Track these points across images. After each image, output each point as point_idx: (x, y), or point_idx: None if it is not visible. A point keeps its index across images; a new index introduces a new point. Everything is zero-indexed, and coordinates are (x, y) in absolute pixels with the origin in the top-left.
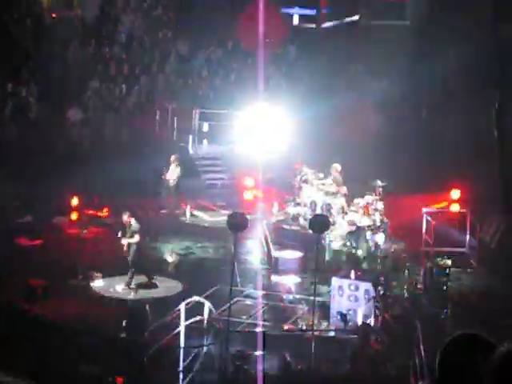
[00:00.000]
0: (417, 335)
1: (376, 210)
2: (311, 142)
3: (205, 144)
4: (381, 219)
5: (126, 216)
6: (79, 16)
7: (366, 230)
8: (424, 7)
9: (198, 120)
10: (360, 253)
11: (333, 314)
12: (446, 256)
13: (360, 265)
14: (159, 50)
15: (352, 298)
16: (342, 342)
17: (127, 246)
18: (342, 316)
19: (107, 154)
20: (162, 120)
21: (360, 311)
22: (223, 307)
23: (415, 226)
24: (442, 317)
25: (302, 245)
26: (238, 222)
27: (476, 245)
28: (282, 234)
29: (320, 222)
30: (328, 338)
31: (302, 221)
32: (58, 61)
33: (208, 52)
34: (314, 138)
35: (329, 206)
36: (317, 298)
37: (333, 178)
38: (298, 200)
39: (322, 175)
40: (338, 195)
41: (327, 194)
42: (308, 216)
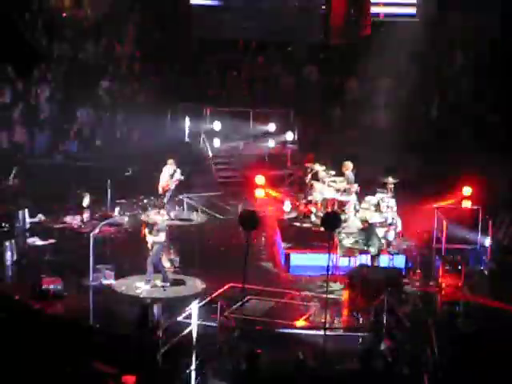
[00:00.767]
0: (429, 332)
1: (388, 207)
2: (323, 140)
3: (217, 142)
4: (392, 216)
5: (152, 213)
6: (89, 15)
7: (378, 227)
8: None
9: (210, 118)
10: (372, 250)
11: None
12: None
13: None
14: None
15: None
16: (355, 340)
17: (151, 245)
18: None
19: (119, 154)
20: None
21: (372, 309)
22: (236, 305)
23: (427, 223)
24: (453, 314)
25: (314, 242)
26: (250, 220)
27: (488, 242)
28: (294, 232)
29: (332, 220)
30: (340, 336)
31: (313, 218)
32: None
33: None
34: (325, 136)
35: (340, 203)
36: (329, 296)
37: (344, 175)
38: (310, 197)
39: (333, 172)
40: (350, 192)
41: (338, 192)
42: (319, 213)
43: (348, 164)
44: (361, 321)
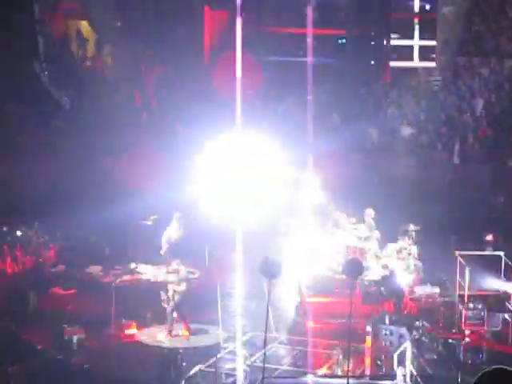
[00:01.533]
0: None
1: (409, 254)
2: (342, 187)
3: None
4: (415, 264)
5: (175, 263)
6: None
7: (399, 275)
8: (451, 51)
9: None
10: (394, 297)
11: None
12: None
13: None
14: None
15: (387, 343)
16: None
17: (172, 294)
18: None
19: None
20: None
21: (395, 357)
22: (258, 354)
23: (449, 270)
24: (478, 362)
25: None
26: (272, 268)
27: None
28: (315, 279)
29: (353, 267)
30: None
31: (335, 266)
32: None
33: None
34: (344, 183)
35: (362, 250)
36: (352, 343)
37: (366, 222)
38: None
39: (354, 220)
40: (371, 240)
41: (360, 239)
42: (341, 261)
43: (370, 211)
44: (384, 369)
